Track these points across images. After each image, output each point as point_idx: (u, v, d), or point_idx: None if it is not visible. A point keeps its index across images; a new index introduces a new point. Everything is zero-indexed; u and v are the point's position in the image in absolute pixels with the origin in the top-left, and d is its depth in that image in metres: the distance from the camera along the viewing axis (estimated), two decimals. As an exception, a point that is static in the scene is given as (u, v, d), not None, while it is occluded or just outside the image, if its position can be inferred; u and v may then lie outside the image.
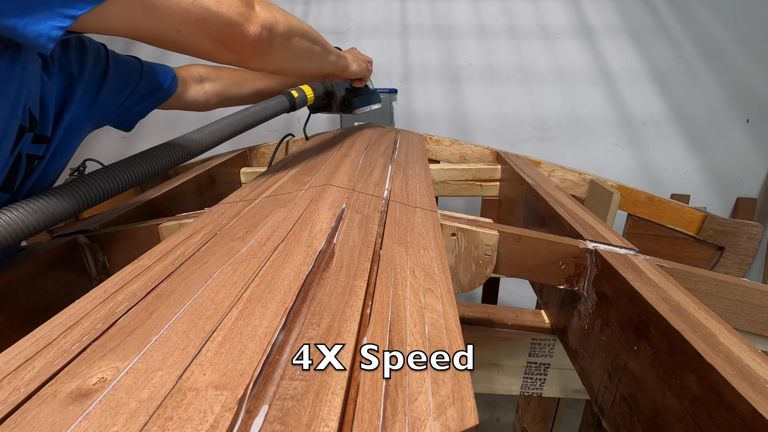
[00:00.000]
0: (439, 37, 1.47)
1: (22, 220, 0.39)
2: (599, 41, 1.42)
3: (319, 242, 0.34)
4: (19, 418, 0.18)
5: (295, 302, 0.25)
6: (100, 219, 0.55)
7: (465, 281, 0.50)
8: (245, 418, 0.17)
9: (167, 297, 0.27)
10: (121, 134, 1.71)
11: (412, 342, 0.23)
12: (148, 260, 0.33)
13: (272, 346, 0.21)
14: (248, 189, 0.52)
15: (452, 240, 0.48)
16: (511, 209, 0.92)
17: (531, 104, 1.48)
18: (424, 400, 0.18)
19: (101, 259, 0.49)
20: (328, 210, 0.41)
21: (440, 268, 0.32)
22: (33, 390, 0.19)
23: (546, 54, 1.44)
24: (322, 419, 0.17)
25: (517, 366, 0.65)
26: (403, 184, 0.56)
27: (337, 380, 0.19)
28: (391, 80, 1.53)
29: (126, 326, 0.24)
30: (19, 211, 0.39)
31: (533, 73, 1.46)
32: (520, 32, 1.43)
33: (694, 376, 0.32)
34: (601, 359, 0.46)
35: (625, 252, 0.50)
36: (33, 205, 0.40)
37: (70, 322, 0.25)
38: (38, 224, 0.40)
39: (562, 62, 1.44)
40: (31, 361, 0.22)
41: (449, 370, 0.21)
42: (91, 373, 0.20)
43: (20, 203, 0.39)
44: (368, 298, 0.26)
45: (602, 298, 0.47)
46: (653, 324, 0.37)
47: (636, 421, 0.39)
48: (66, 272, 0.45)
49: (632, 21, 1.40)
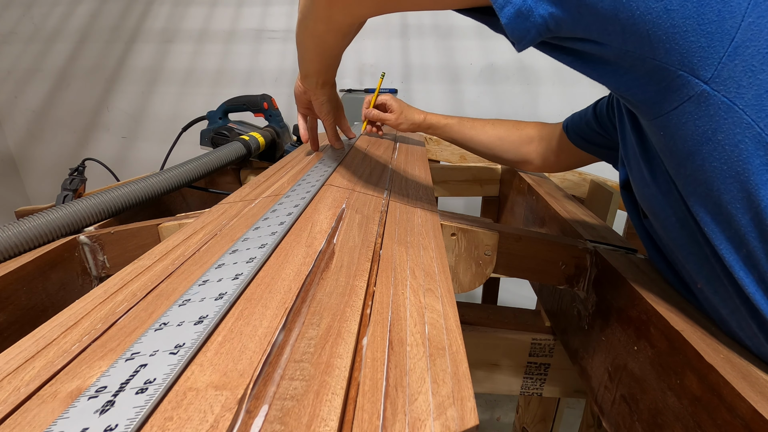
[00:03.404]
0: (439, 37, 1.47)
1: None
2: (599, 41, 1.42)
3: (319, 242, 0.34)
4: (19, 418, 0.18)
5: (295, 302, 0.25)
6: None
7: (465, 281, 0.50)
8: (245, 418, 0.17)
9: (167, 297, 0.27)
10: (121, 134, 1.71)
11: (412, 342, 0.23)
12: (148, 260, 0.33)
13: (272, 346, 0.21)
14: (248, 189, 0.52)
15: (452, 240, 0.48)
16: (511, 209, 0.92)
17: (531, 104, 1.48)
18: (424, 400, 0.18)
19: (101, 259, 0.49)
20: (328, 210, 0.41)
21: (440, 268, 0.32)
22: (33, 390, 0.19)
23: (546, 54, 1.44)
24: (322, 419, 0.17)
25: (517, 366, 0.65)
26: (403, 184, 0.56)
27: (337, 380, 0.19)
28: (391, 80, 1.53)
29: (126, 326, 0.24)
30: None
31: (533, 73, 1.46)
32: (520, 32, 1.43)
33: (694, 376, 0.32)
34: (601, 359, 0.46)
35: (625, 252, 0.50)
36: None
37: (70, 322, 0.25)
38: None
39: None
40: (31, 361, 0.22)
41: (449, 370, 0.21)
42: (91, 373, 0.20)
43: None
44: (368, 298, 0.26)
45: (602, 298, 0.47)
46: (653, 324, 0.37)
47: (636, 421, 0.39)
48: (66, 272, 0.45)
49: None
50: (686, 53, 0.28)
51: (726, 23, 0.27)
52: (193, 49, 1.58)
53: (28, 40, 1.62)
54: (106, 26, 1.58)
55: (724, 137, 0.29)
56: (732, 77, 0.28)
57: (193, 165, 0.67)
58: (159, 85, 1.63)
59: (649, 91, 0.31)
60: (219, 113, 0.95)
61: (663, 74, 0.29)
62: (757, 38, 0.27)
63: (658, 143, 0.35)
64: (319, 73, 0.54)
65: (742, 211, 0.30)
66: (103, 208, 0.52)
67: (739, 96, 0.28)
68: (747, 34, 0.27)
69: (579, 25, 0.29)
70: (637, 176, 0.41)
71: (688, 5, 0.27)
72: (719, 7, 0.27)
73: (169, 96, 1.64)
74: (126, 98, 1.66)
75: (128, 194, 0.55)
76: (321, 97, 0.58)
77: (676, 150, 0.33)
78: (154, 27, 1.57)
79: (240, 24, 1.54)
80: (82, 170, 0.73)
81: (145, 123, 1.69)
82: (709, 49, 0.27)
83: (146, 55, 1.60)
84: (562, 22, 0.29)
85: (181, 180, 0.63)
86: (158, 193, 0.59)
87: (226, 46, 1.56)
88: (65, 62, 1.63)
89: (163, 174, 0.61)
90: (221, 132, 0.92)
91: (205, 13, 1.54)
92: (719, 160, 0.30)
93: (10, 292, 0.39)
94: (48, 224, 0.46)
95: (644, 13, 0.27)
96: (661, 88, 0.30)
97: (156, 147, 1.69)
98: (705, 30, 0.27)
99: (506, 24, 0.29)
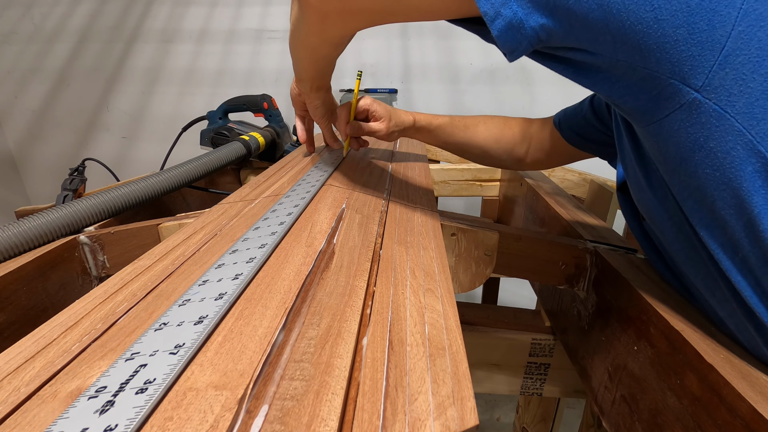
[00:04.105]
0: (439, 37, 1.47)
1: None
2: (599, 41, 1.42)
3: (319, 242, 0.34)
4: (20, 418, 0.18)
5: (295, 302, 0.25)
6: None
7: (465, 281, 0.50)
8: (245, 418, 0.17)
9: (167, 297, 0.27)
10: (121, 134, 1.71)
11: (412, 342, 0.23)
12: (148, 260, 0.33)
13: (272, 346, 0.21)
14: (248, 189, 0.52)
15: (452, 240, 0.48)
16: (511, 209, 0.92)
17: (531, 104, 1.47)
18: (424, 400, 0.18)
19: (101, 259, 0.49)
20: (328, 210, 0.41)
21: (440, 268, 0.32)
22: (33, 390, 0.19)
23: (546, 54, 1.44)
24: (322, 419, 0.17)
25: (517, 366, 0.65)
26: (403, 184, 0.56)
27: (337, 380, 0.19)
28: (391, 80, 1.53)
29: (126, 326, 0.24)
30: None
31: (533, 73, 1.46)
32: (520, 32, 1.43)
33: (694, 376, 0.32)
34: (601, 359, 0.46)
35: (625, 252, 0.50)
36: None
37: (70, 322, 0.25)
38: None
39: (562, 62, 1.44)
40: (31, 361, 0.22)
41: (449, 370, 0.21)
42: (91, 373, 0.20)
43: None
44: (368, 298, 0.26)
45: (602, 298, 0.47)
46: (653, 324, 0.37)
47: (636, 421, 0.39)
48: (66, 272, 0.45)
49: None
50: (677, 62, 0.28)
51: (716, 32, 0.27)
52: (193, 49, 1.58)
53: (28, 40, 1.61)
54: (106, 26, 1.58)
55: (716, 144, 0.29)
56: (723, 86, 0.28)
57: (193, 165, 0.67)
58: (159, 85, 1.63)
59: (641, 99, 0.31)
60: (219, 113, 0.95)
61: (654, 83, 0.29)
62: (747, 47, 0.27)
63: (652, 150, 0.35)
64: (313, 78, 0.54)
65: (736, 218, 0.30)
66: (103, 208, 0.52)
67: (730, 104, 0.28)
68: (737, 43, 0.27)
69: (570, 35, 0.29)
70: (634, 181, 0.41)
71: (678, 15, 0.27)
72: (709, 16, 0.27)
73: (169, 96, 1.64)
74: (126, 98, 1.66)
75: (128, 194, 0.55)
76: (315, 101, 0.58)
77: (669, 157, 0.33)
78: (154, 27, 1.57)
79: (240, 24, 1.54)
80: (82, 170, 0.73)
81: (145, 123, 1.69)
82: (700, 58, 0.27)
83: (146, 55, 1.60)
84: (553, 33, 0.29)
85: (181, 180, 0.63)
86: (158, 193, 0.59)
87: (226, 46, 1.56)
88: (65, 62, 1.63)
89: (163, 174, 0.61)
90: (221, 132, 0.92)
91: (205, 13, 1.54)
92: (711, 167, 0.30)
93: (10, 292, 0.39)
94: (48, 224, 0.46)
95: (634, 24, 0.27)
96: (652, 96, 0.30)
97: (156, 147, 1.69)
98: (695, 39, 0.27)
99: (498, 36, 0.29)
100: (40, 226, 0.45)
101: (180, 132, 0.93)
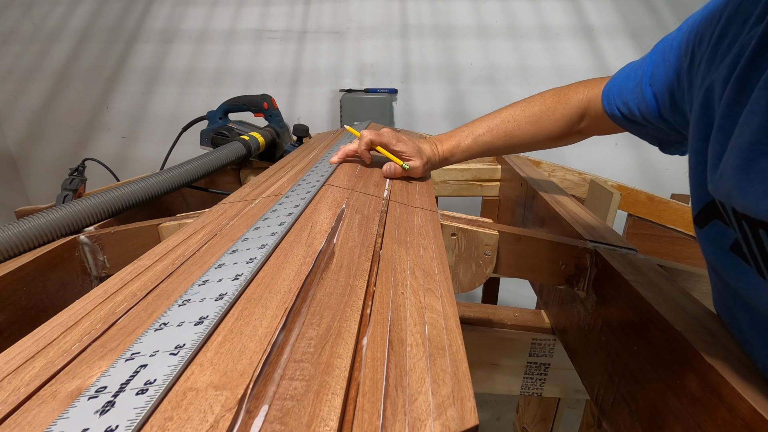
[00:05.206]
0: (439, 37, 1.47)
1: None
2: (599, 41, 1.42)
3: (319, 242, 0.34)
4: (19, 418, 0.18)
5: (295, 302, 0.25)
6: (100, 219, 0.55)
7: (465, 281, 0.50)
8: (245, 418, 0.17)
9: (167, 297, 0.27)
10: (121, 134, 1.71)
11: (412, 342, 0.23)
12: (148, 260, 0.33)
13: (272, 346, 0.21)
14: (248, 189, 0.52)
15: (452, 240, 0.48)
16: (511, 209, 0.92)
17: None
18: (424, 400, 0.18)
19: (101, 259, 0.49)
20: (328, 210, 0.41)
21: (440, 268, 0.32)
22: (33, 390, 0.19)
23: (546, 54, 1.44)
24: (322, 419, 0.17)
25: (517, 366, 0.65)
26: (403, 184, 0.56)
27: (337, 380, 0.19)
28: (391, 80, 1.53)
29: (126, 326, 0.24)
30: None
31: (533, 73, 1.46)
32: (520, 32, 1.43)
33: (694, 376, 0.32)
34: (601, 359, 0.46)
35: (625, 252, 0.50)
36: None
37: (70, 322, 0.25)
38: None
39: (562, 62, 1.44)
40: (31, 361, 0.22)
41: (449, 370, 0.21)
42: (92, 373, 0.20)
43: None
44: (368, 298, 0.26)
45: (602, 298, 0.47)
46: (653, 324, 0.37)
47: (636, 421, 0.39)
48: (66, 272, 0.45)
49: (632, 21, 1.40)
50: None
51: None
52: (193, 49, 1.58)
53: (28, 40, 1.61)
54: (106, 26, 1.58)
55: None
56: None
57: (193, 165, 0.67)
58: (159, 85, 1.63)
59: None
60: (219, 113, 0.95)
61: None
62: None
63: None
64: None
65: None
66: (103, 208, 0.52)
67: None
68: None
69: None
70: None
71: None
72: None
73: (169, 96, 1.64)
74: (126, 98, 1.66)
75: (128, 194, 0.55)
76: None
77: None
78: (154, 27, 1.57)
79: (240, 24, 1.54)
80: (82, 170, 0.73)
81: (145, 123, 1.69)
82: None
83: (146, 55, 1.60)
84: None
85: (181, 180, 0.63)
86: (158, 193, 0.60)
87: (226, 46, 1.56)
88: (65, 62, 1.63)
89: (163, 174, 0.61)
90: (221, 132, 0.92)
91: (205, 13, 1.54)
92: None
93: (10, 292, 0.39)
94: (48, 224, 0.46)
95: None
96: None
97: (156, 147, 1.69)
98: None
99: None
100: (40, 226, 0.45)
101: (180, 132, 0.93)
